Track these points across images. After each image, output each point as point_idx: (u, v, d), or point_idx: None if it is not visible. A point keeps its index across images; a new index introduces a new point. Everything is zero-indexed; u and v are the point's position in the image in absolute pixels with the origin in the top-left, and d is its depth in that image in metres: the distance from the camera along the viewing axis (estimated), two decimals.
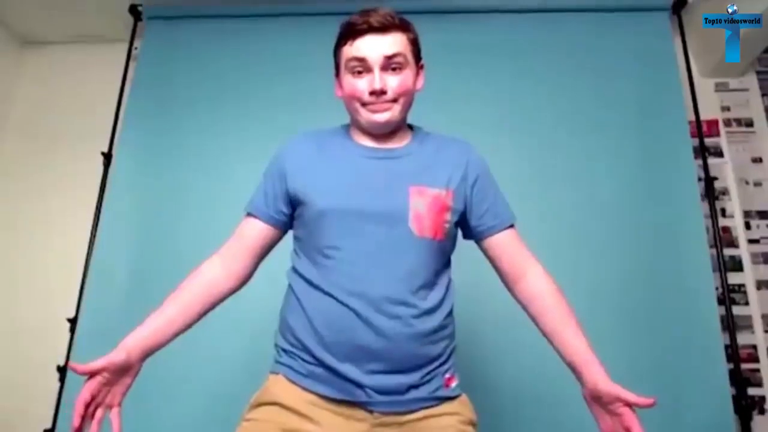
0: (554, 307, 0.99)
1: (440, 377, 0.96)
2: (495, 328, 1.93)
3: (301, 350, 0.94)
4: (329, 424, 0.90)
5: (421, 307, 0.93)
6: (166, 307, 0.98)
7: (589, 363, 0.92)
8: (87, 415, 0.85)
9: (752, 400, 2.17)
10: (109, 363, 0.87)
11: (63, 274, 2.30)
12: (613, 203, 2.03)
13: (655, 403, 0.84)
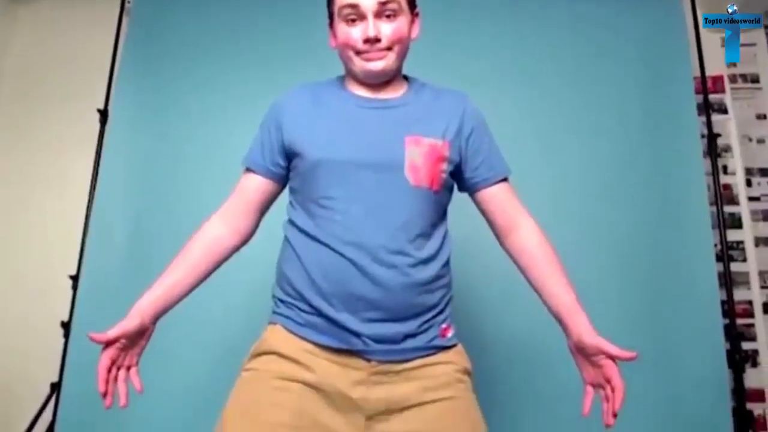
0: (543, 260, 1.00)
1: (436, 327, 0.97)
2: (492, 280, 1.94)
3: (299, 300, 0.95)
4: (326, 373, 0.91)
5: (417, 256, 0.94)
6: (174, 268, 1.00)
7: (574, 315, 0.93)
8: (110, 379, 0.89)
9: (745, 354, 2.20)
10: (126, 330, 0.90)
11: (63, 231, 2.31)
12: (614, 159, 2.01)
13: (637, 357, 0.85)
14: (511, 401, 1.87)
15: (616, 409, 0.86)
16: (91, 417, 2.00)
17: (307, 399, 0.90)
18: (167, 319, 2.15)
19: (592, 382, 0.92)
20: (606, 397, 0.89)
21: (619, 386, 0.86)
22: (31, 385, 2.28)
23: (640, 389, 0.97)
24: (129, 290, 1.63)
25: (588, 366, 0.92)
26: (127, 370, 0.93)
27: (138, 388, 0.92)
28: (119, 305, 1.84)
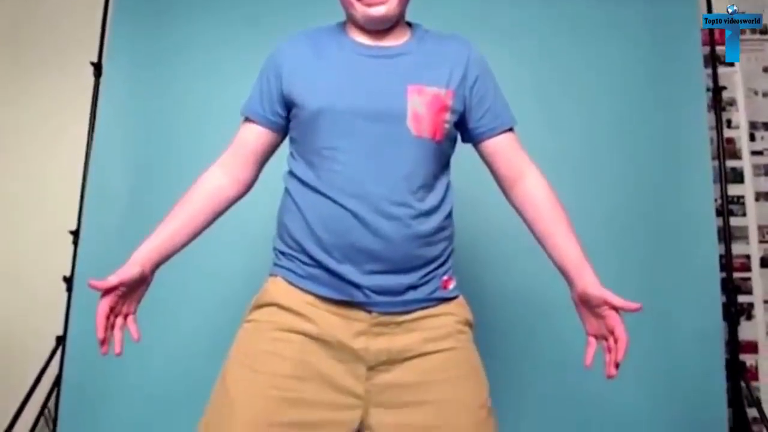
0: (548, 212, 0.99)
1: (438, 279, 0.97)
2: (495, 232, 1.95)
3: (300, 252, 0.95)
4: (328, 324, 0.92)
5: (419, 208, 0.93)
6: (174, 217, 0.99)
7: (579, 267, 0.93)
8: (108, 326, 0.89)
9: (741, 307, 2.23)
10: (125, 278, 0.89)
11: (62, 187, 2.29)
12: (617, 111, 1.99)
13: (641, 308, 0.85)
14: (512, 354, 1.91)
15: (619, 360, 0.87)
16: (96, 369, 2.04)
17: (308, 350, 0.91)
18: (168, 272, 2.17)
19: (595, 334, 0.93)
20: (608, 348, 0.90)
21: (623, 337, 0.87)
22: (37, 339, 2.31)
23: (635, 340, 0.98)
24: (129, 244, 1.63)
25: (591, 318, 0.92)
26: (124, 318, 0.93)
27: (135, 336, 0.93)
28: (120, 259, 1.84)
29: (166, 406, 1.93)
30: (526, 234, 1.98)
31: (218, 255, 2.01)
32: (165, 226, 0.98)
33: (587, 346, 0.93)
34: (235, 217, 2.04)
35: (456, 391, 0.93)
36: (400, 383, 0.91)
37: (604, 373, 0.90)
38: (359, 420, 0.91)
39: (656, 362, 1.83)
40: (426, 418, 0.91)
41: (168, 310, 2.02)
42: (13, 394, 2.13)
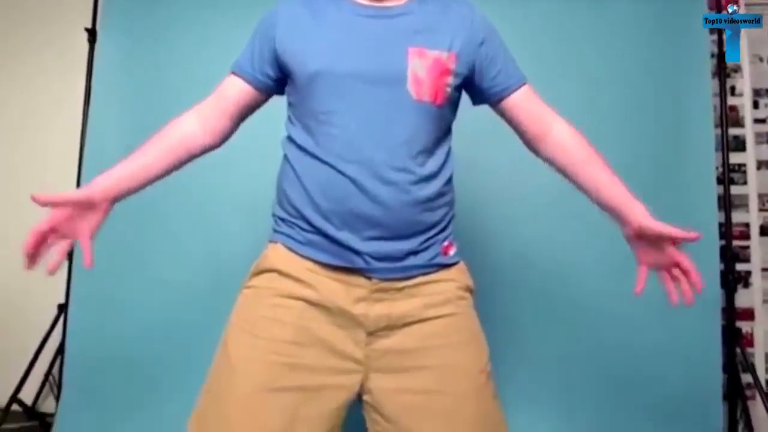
0: (586, 156, 0.99)
1: (438, 244, 0.96)
2: (496, 198, 1.95)
3: (299, 219, 0.94)
4: (327, 290, 0.92)
5: (419, 173, 0.92)
6: (140, 154, 0.98)
7: (630, 204, 0.94)
8: (41, 243, 0.88)
9: (738, 275, 2.25)
10: (68, 199, 0.88)
11: (59, 153, 2.29)
12: (619, 77, 1.96)
13: (701, 237, 0.88)
14: (512, 320, 1.93)
15: (699, 287, 0.90)
16: (98, 336, 2.06)
17: (308, 316, 0.91)
18: (170, 238, 2.19)
19: (650, 264, 0.95)
20: (673, 278, 0.93)
21: (693, 268, 0.90)
22: (39, 308, 2.33)
23: (632, 305, 1.00)
24: (128, 209, 1.63)
25: (650, 251, 0.94)
26: (72, 243, 0.92)
27: (86, 262, 0.92)
28: (118, 224, 1.84)
29: (167, 371, 1.96)
30: (527, 200, 2.00)
31: (217, 221, 2.01)
32: (130, 161, 0.97)
33: (639, 276, 0.95)
34: (235, 183, 2.07)
35: (456, 356, 0.93)
36: (400, 349, 0.92)
37: (672, 300, 0.93)
38: (359, 385, 0.92)
39: (654, 328, 1.85)
40: (426, 382, 0.92)
41: (168, 276, 2.04)
42: (18, 362, 2.15)
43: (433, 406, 0.91)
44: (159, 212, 2.05)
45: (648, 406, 1.93)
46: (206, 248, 2.01)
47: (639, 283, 0.95)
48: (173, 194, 1.97)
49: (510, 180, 1.95)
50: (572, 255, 1.95)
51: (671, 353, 1.92)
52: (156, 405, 1.93)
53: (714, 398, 1.94)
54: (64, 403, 2.06)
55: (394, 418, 0.92)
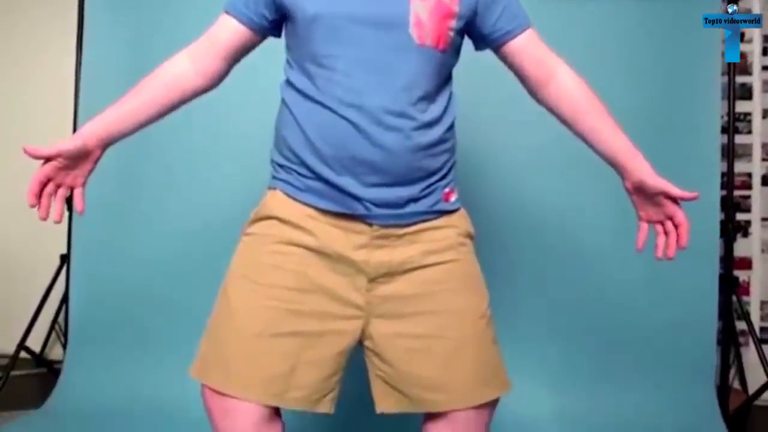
0: (589, 106, 0.97)
1: (439, 191, 0.95)
2: (497, 145, 1.94)
3: (298, 165, 0.93)
4: (328, 237, 0.91)
5: (420, 119, 0.90)
6: (130, 97, 0.96)
7: (633, 157, 0.94)
8: (44, 194, 0.88)
9: (738, 224, 2.25)
10: (63, 150, 0.87)
11: (55, 104, 2.27)
12: (625, 20, 1.91)
13: (698, 197, 0.89)
14: (512, 265, 1.94)
15: (683, 244, 0.92)
16: (102, 284, 2.09)
17: (309, 262, 0.91)
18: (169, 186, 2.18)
19: (649, 220, 0.96)
20: (665, 232, 0.94)
21: (685, 222, 0.92)
22: (42, 258, 2.35)
23: (630, 253, 1.00)
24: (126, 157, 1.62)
25: (647, 205, 0.95)
26: (69, 190, 0.92)
27: (78, 208, 0.93)
28: (115, 173, 1.84)
29: (170, 316, 2.00)
30: (529, 147, 1.99)
31: (215, 168, 2.01)
32: (119, 105, 0.95)
33: (639, 231, 0.97)
34: (231, 128, 2.04)
35: (456, 301, 0.94)
36: (401, 295, 0.92)
37: (657, 255, 0.95)
38: (360, 330, 0.93)
39: (651, 275, 1.87)
40: (426, 328, 0.93)
41: (168, 223, 2.05)
42: (25, 311, 2.19)
43: (433, 350, 0.92)
44: (157, 160, 2.04)
45: (643, 352, 1.97)
46: (206, 195, 2.01)
47: (639, 239, 0.97)
48: (171, 141, 1.97)
49: (512, 127, 1.93)
50: (573, 203, 1.96)
51: (668, 300, 1.95)
52: (161, 350, 1.98)
53: (708, 344, 1.98)
54: (71, 350, 2.11)
55: (395, 362, 0.93)
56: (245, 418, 0.87)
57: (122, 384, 1.98)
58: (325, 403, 0.93)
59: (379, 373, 0.95)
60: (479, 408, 0.94)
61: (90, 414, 1.90)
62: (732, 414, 2.06)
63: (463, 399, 0.93)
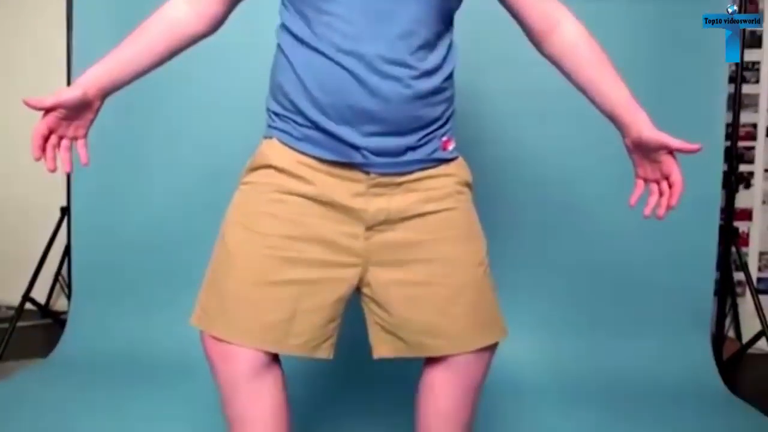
0: (592, 58, 0.94)
1: (438, 140, 0.94)
2: (495, 94, 1.92)
3: (294, 113, 0.91)
4: (325, 185, 0.90)
5: (419, 68, 0.88)
6: (129, 44, 0.93)
7: (633, 111, 0.91)
8: (48, 147, 0.87)
9: (741, 176, 2.24)
10: (63, 100, 0.85)
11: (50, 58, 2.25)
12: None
13: (701, 149, 0.86)
14: (510, 213, 1.95)
15: (673, 203, 0.90)
16: (103, 235, 2.10)
17: (306, 211, 0.91)
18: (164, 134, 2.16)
19: (646, 178, 0.94)
20: (660, 191, 0.92)
21: (679, 181, 0.88)
22: (43, 211, 2.36)
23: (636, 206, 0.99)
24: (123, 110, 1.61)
25: (645, 162, 0.92)
26: (72, 141, 0.91)
27: (83, 160, 0.91)
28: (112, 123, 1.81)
29: (170, 266, 2.02)
30: (529, 97, 1.96)
31: (211, 118, 2.00)
32: (118, 52, 0.92)
33: (635, 188, 0.94)
34: (228, 76, 2.01)
35: (454, 249, 0.94)
36: (399, 242, 0.92)
37: (646, 211, 0.93)
38: (358, 278, 0.93)
39: (650, 226, 1.86)
40: (424, 275, 0.93)
41: (166, 173, 2.05)
42: (28, 264, 2.20)
43: (431, 297, 0.93)
44: (156, 109, 2.03)
45: (640, 301, 2.00)
46: (206, 144, 2.00)
47: (633, 196, 0.94)
48: (170, 91, 1.95)
49: (513, 76, 1.90)
50: (572, 153, 1.95)
51: (667, 250, 1.96)
52: (164, 299, 2.01)
53: (705, 294, 2.00)
54: (75, 301, 2.14)
55: (393, 309, 0.94)
56: (244, 364, 0.89)
57: (126, 333, 2.03)
58: (324, 349, 0.95)
59: (377, 320, 0.97)
60: (478, 352, 0.96)
61: (96, 363, 1.94)
62: (725, 361, 2.10)
63: (461, 344, 0.94)
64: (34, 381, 1.84)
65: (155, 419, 1.59)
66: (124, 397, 1.72)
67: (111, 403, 1.68)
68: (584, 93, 0.97)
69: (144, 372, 1.88)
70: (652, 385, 1.88)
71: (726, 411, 1.77)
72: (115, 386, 1.79)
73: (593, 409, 1.74)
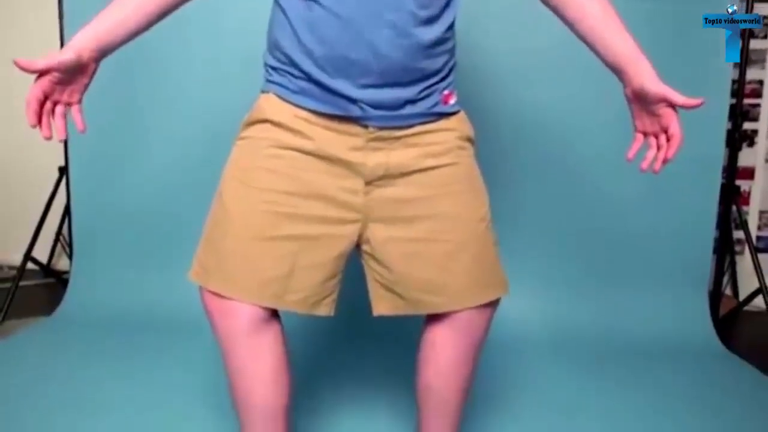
0: (596, 8, 0.91)
1: (438, 93, 0.92)
2: (497, 47, 1.88)
3: (291, 66, 0.88)
4: (323, 139, 0.89)
5: (419, 16, 0.84)
6: (117, 5, 0.88)
7: (635, 60, 0.88)
8: (43, 112, 0.84)
9: (744, 133, 2.21)
10: (57, 63, 0.81)
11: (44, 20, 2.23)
12: None
13: (704, 103, 0.83)
14: (512, 169, 1.94)
15: (669, 157, 0.87)
16: (102, 195, 2.10)
17: (304, 166, 0.89)
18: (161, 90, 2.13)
19: (645, 131, 0.92)
20: (658, 145, 0.89)
21: (678, 135, 0.86)
22: (41, 171, 2.35)
23: (633, 161, 0.97)
24: (118, 67, 1.57)
25: (644, 115, 0.90)
26: (67, 107, 0.87)
27: (80, 127, 0.89)
28: (111, 82, 1.79)
29: (170, 223, 2.03)
30: (533, 51, 1.92)
31: (208, 73, 1.96)
32: (107, 14, 0.88)
33: (633, 141, 0.92)
34: (223, 31, 1.97)
35: (455, 205, 0.93)
36: (399, 198, 0.91)
37: (643, 165, 0.91)
38: (358, 234, 0.93)
39: (654, 183, 1.85)
40: (425, 231, 0.92)
41: (164, 129, 2.03)
42: (29, 224, 2.21)
43: (432, 253, 0.92)
44: (152, 66, 1.99)
45: (639, 257, 2.01)
46: (204, 100, 1.98)
47: (631, 149, 0.92)
48: (167, 48, 1.92)
49: (517, 27, 1.85)
50: (575, 107, 1.92)
51: (668, 208, 1.96)
52: (163, 256, 2.03)
53: (705, 252, 2.01)
54: (77, 260, 2.15)
55: (393, 266, 0.94)
56: (243, 319, 0.89)
57: (128, 290, 2.05)
58: (324, 306, 0.95)
59: (376, 277, 0.96)
60: (480, 309, 0.96)
61: (98, 320, 1.97)
62: (722, 319, 2.13)
63: (462, 300, 0.94)
64: (37, 339, 1.86)
65: (157, 374, 1.62)
66: (126, 353, 1.75)
67: (114, 359, 1.71)
68: (587, 42, 0.94)
69: (146, 328, 1.90)
70: (648, 340, 1.91)
71: (721, 367, 1.80)
72: (118, 343, 1.82)
73: (590, 364, 1.77)
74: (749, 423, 1.47)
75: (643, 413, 1.50)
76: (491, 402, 1.51)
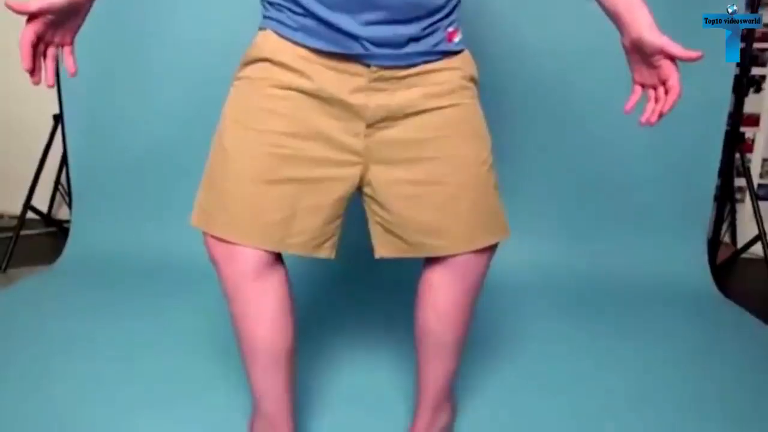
0: None
1: (442, 30, 0.89)
2: None
3: (289, 1, 0.85)
4: (323, 79, 0.86)
5: None
6: None
7: (635, 9, 0.84)
8: (36, 55, 0.81)
9: (752, 79, 2.17)
10: (50, 4, 0.78)
11: None
12: None
13: (702, 56, 0.80)
14: (516, 110, 1.91)
15: (665, 110, 0.85)
16: (98, 142, 2.08)
17: (305, 106, 0.87)
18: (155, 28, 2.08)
19: (643, 83, 0.88)
20: (656, 98, 0.86)
21: (676, 88, 0.83)
22: (36, 119, 2.31)
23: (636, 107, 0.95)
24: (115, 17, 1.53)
25: (642, 66, 0.87)
26: (59, 48, 0.85)
27: (71, 69, 0.87)
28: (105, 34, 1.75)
29: (168, 168, 2.02)
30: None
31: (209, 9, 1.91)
32: None
33: (632, 93, 0.90)
34: None
35: (458, 147, 0.92)
36: (401, 140, 0.90)
37: (642, 119, 0.88)
38: (359, 177, 0.92)
39: (656, 129, 1.83)
40: (426, 174, 0.91)
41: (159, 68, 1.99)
42: (28, 174, 2.19)
43: (433, 196, 0.92)
44: (144, 7, 1.94)
45: (640, 204, 2.01)
46: (199, 39, 1.94)
47: (630, 102, 0.89)
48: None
49: None
50: (580, 51, 1.87)
51: (670, 153, 1.94)
52: (163, 202, 2.03)
53: (705, 198, 2.00)
54: (76, 209, 2.15)
55: (394, 209, 0.93)
56: (247, 263, 0.89)
57: (129, 238, 2.05)
58: (326, 249, 0.95)
59: (378, 220, 0.96)
60: (478, 252, 0.96)
61: (100, 267, 1.98)
62: (719, 265, 2.15)
63: (462, 243, 0.94)
64: (40, 287, 1.88)
65: (160, 319, 1.64)
66: (129, 299, 1.77)
67: (116, 306, 1.73)
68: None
69: (148, 275, 1.92)
70: (646, 286, 1.93)
71: (717, 313, 1.83)
72: (120, 290, 1.83)
73: (587, 308, 1.79)
74: (743, 368, 1.50)
75: (638, 357, 1.53)
76: (488, 345, 1.54)
